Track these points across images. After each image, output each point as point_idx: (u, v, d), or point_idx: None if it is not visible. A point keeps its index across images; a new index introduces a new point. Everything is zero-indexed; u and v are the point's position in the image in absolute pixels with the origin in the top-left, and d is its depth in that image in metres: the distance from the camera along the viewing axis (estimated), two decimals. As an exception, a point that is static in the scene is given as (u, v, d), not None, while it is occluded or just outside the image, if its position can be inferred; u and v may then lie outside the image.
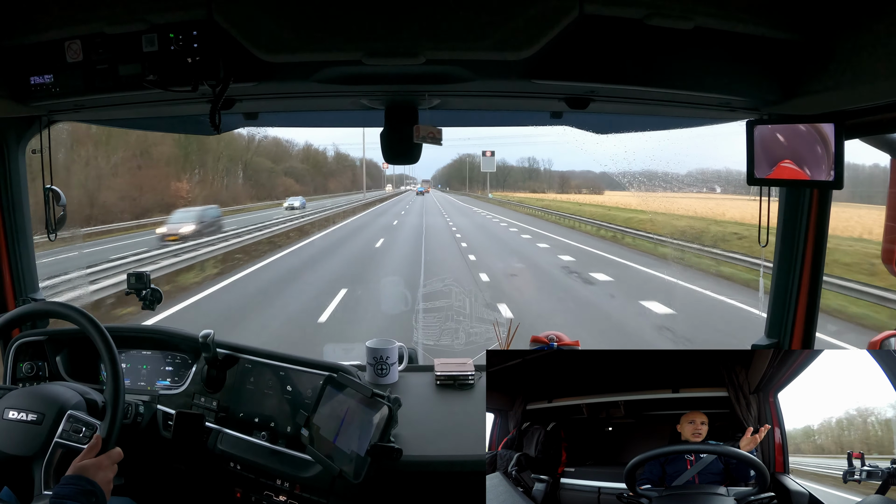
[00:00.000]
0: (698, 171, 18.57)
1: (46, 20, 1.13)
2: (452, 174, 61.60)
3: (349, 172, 51.26)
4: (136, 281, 1.66)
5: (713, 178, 19.12)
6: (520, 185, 50.61)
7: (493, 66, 1.14)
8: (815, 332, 1.50)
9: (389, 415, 1.20)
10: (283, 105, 1.49)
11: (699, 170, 18.57)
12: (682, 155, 16.36)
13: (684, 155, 16.82)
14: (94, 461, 1.08)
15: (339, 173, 48.15)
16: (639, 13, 1.03)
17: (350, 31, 1.04)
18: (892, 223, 1.33)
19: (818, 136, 1.21)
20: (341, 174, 48.69)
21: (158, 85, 1.10)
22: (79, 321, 1.22)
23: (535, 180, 51.02)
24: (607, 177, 18.87)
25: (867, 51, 1.00)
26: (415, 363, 1.78)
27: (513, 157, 52.01)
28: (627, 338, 6.24)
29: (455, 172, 59.93)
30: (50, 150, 1.58)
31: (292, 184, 38.40)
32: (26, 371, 1.55)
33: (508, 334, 1.66)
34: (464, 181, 56.63)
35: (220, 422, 1.47)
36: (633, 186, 12.08)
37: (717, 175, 18.74)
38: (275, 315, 7.07)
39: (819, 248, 1.45)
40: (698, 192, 21.00)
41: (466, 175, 54.92)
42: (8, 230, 1.61)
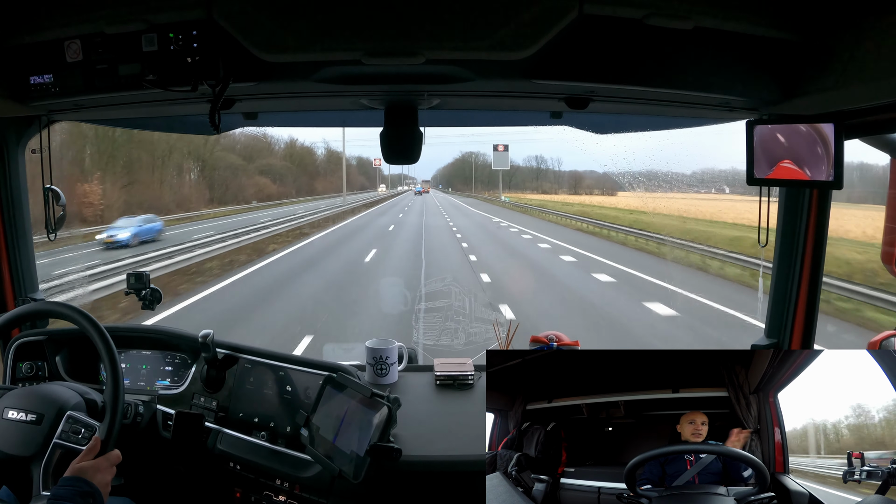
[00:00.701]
0: (703, 170, 17.32)
1: (46, 20, 1.13)
2: (455, 173, 55.84)
3: (340, 172, 45.42)
4: (136, 281, 1.65)
5: (720, 177, 17.67)
6: (528, 185, 46.30)
7: (492, 65, 1.14)
8: (814, 332, 1.50)
9: (389, 415, 1.20)
10: (282, 105, 1.49)
11: (704, 169, 17.33)
12: (687, 154, 15.45)
13: (688, 154, 15.99)
14: (92, 463, 1.08)
15: (330, 173, 42.48)
16: (638, 13, 1.02)
17: (350, 31, 1.04)
18: (891, 224, 1.33)
19: (818, 136, 1.21)
20: (332, 174, 42.79)
21: (158, 85, 1.10)
22: (78, 321, 1.22)
23: (543, 180, 46.04)
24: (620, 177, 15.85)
25: (867, 51, 1.00)
26: (414, 363, 1.78)
27: (518, 155, 47.24)
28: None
29: (457, 171, 54.40)
30: (50, 149, 1.58)
31: (267, 184, 32.84)
32: (26, 371, 1.55)
33: (508, 334, 1.66)
34: (467, 181, 51.46)
35: (220, 422, 1.47)
36: (644, 187, 10.98)
37: (723, 174, 17.16)
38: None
39: (819, 248, 1.45)
40: (706, 192, 19.84)
41: (472, 174, 50.07)
42: (7, 230, 1.61)
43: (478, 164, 48.40)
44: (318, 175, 41.99)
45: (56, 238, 1.57)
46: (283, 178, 35.80)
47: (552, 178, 45.57)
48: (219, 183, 28.28)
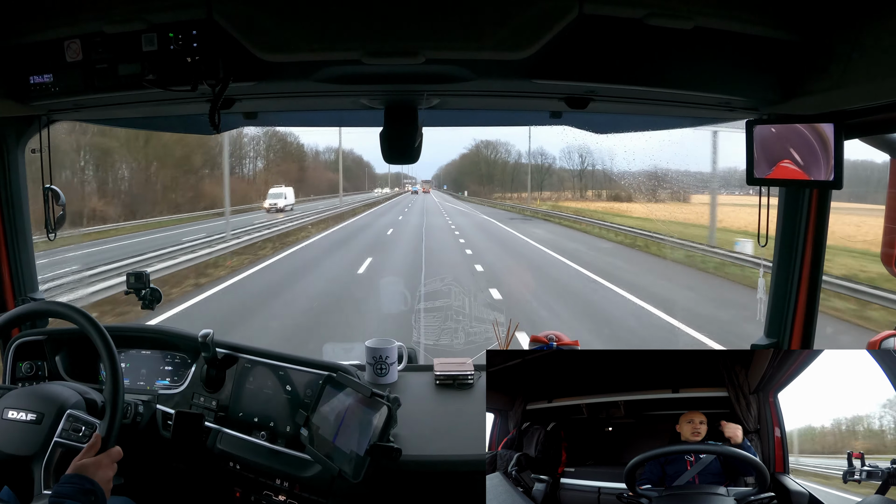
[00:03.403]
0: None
1: (46, 19, 1.13)
2: (465, 171, 42.93)
3: (328, 174, 38.28)
4: (136, 280, 1.66)
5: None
6: (566, 185, 33.72)
7: (492, 65, 1.14)
8: (814, 332, 1.50)
9: (389, 414, 1.20)
10: (282, 104, 1.49)
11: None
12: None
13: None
14: (93, 460, 1.08)
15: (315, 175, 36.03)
16: (638, 13, 1.03)
17: (349, 31, 1.04)
18: (891, 224, 1.33)
19: (818, 136, 1.21)
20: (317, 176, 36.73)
21: (158, 84, 1.10)
22: (78, 321, 1.22)
23: (585, 181, 33.37)
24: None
25: (866, 51, 1.00)
26: (414, 363, 1.78)
27: (554, 147, 35.23)
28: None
29: (471, 168, 40.86)
30: (49, 149, 1.58)
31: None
32: (26, 371, 1.55)
33: (507, 334, 1.66)
34: (481, 179, 38.06)
35: (220, 421, 1.47)
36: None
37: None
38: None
39: (819, 247, 1.45)
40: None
41: (500, 173, 36.37)
42: (7, 230, 1.61)
43: (490, 162, 35.89)
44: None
45: (55, 238, 1.57)
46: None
47: (600, 179, 32.05)
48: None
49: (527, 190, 31.90)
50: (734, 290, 8.46)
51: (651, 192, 14.45)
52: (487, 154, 38.95)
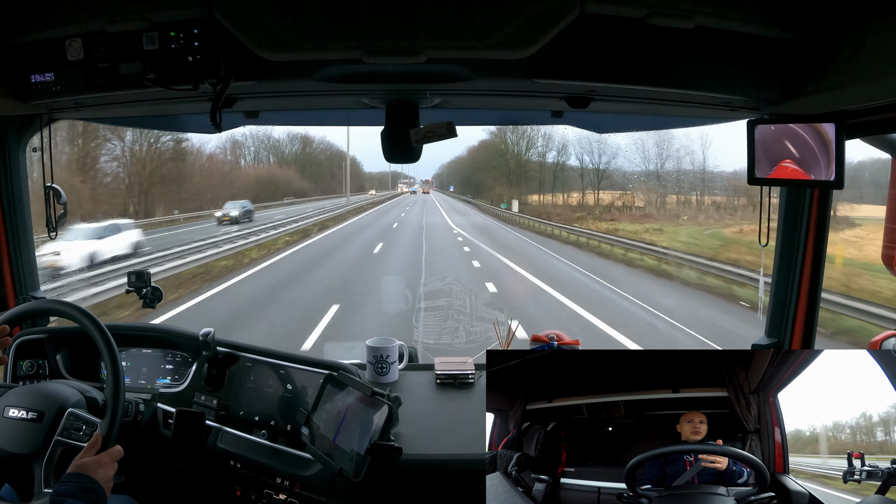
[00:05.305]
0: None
1: (47, 18, 1.13)
2: (477, 167, 30.80)
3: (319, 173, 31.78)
4: (137, 279, 1.66)
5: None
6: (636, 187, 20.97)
7: (494, 64, 1.14)
8: (815, 332, 1.50)
9: (389, 413, 1.21)
10: (283, 104, 1.49)
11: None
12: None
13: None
14: (94, 459, 1.08)
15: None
16: (640, 12, 1.03)
17: (351, 30, 1.04)
18: (892, 224, 1.33)
19: (819, 136, 1.21)
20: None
21: (159, 83, 1.10)
22: (79, 319, 1.22)
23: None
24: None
25: (867, 51, 1.00)
26: (415, 362, 1.78)
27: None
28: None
29: (483, 164, 29.41)
30: (51, 148, 1.58)
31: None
32: (27, 369, 1.55)
33: (508, 334, 1.66)
34: (508, 178, 25.92)
35: (221, 420, 1.47)
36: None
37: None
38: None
39: (819, 247, 1.45)
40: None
41: (536, 169, 24.46)
42: (9, 228, 1.61)
43: (514, 156, 25.71)
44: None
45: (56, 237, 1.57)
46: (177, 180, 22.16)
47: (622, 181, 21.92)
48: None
49: (578, 190, 23.01)
50: None
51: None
52: (513, 143, 25.88)
